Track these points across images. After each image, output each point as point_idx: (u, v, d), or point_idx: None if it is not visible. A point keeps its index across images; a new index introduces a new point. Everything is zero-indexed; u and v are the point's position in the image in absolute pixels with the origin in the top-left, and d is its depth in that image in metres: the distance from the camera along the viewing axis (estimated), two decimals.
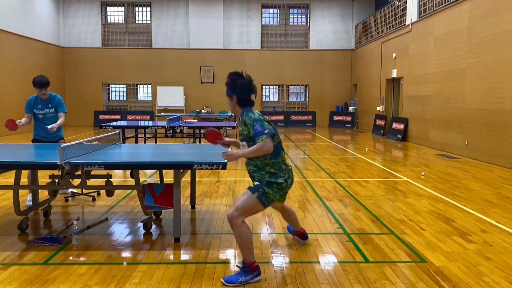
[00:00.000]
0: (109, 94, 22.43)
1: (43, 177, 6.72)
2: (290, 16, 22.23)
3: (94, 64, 21.55)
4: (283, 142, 13.96)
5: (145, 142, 10.57)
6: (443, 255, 4.02)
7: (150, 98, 22.14)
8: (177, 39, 21.59)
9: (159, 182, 5.28)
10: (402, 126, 14.94)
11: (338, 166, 9.26)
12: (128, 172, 7.98)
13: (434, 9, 12.88)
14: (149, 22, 21.72)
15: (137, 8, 21.85)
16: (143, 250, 4.11)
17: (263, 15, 22.02)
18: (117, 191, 6.41)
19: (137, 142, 10.53)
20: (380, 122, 17.36)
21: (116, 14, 21.83)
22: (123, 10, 21.80)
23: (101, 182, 5.41)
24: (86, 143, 4.80)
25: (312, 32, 21.99)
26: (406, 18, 14.93)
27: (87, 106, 21.67)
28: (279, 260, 3.90)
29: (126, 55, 21.59)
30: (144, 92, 22.48)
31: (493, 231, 4.77)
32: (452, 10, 11.67)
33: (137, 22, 21.85)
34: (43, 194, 6.19)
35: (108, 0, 21.56)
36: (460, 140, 11.20)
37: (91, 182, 5.06)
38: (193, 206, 5.73)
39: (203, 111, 19.43)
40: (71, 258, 3.90)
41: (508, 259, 3.94)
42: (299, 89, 22.83)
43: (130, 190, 6.51)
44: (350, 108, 21.80)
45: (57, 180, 5.05)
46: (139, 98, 22.47)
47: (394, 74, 15.94)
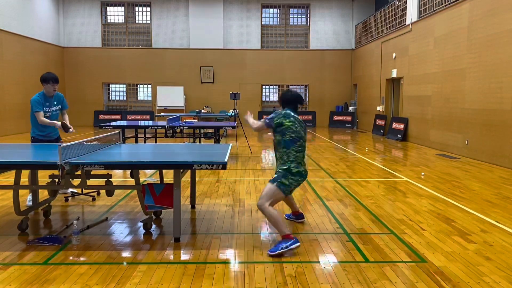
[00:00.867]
0: (109, 94, 22.43)
1: (43, 177, 6.72)
2: (290, 16, 22.23)
3: (94, 64, 21.55)
4: None
5: (145, 142, 10.58)
6: (443, 255, 4.02)
7: (150, 98, 22.14)
8: (177, 39, 21.59)
9: (159, 182, 5.28)
10: (402, 126, 14.94)
11: (338, 166, 9.26)
12: (128, 172, 7.99)
13: (434, 9, 12.88)
14: (149, 22, 21.72)
15: (137, 8, 21.85)
16: (143, 250, 4.11)
17: (263, 15, 22.02)
18: (117, 191, 6.41)
19: (137, 142, 10.53)
20: (380, 122, 17.36)
21: (116, 14, 21.83)
22: (123, 10, 21.80)
23: (101, 182, 5.41)
24: (86, 143, 4.81)
25: (312, 32, 21.99)
26: (406, 18, 14.93)
27: (87, 106, 21.66)
28: (279, 260, 3.90)
29: (126, 55, 21.59)
30: (144, 92, 22.48)
31: (493, 231, 4.78)
32: (452, 10, 11.67)
33: (137, 22, 21.85)
34: (43, 194, 6.19)
35: (108, 0, 21.56)
36: (460, 140, 11.20)
37: (91, 182, 5.06)
38: (193, 206, 5.73)
39: (203, 111, 19.43)
40: (71, 258, 3.90)
41: (508, 259, 3.94)
42: (299, 89, 22.83)
43: (130, 190, 6.51)
44: (350, 108, 21.80)
45: (57, 180, 5.05)
46: (139, 98, 22.47)
47: (394, 74, 15.95)
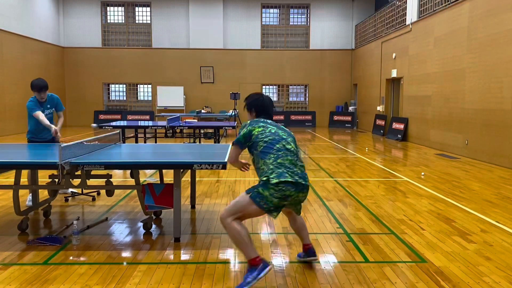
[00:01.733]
0: (109, 94, 22.43)
1: (43, 177, 6.72)
2: (290, 16, 22.23)
3: (94, 64, 21.55)
4: None
5: (145, 142, 10.57)
6: (443, 255, 4.02)
7: (150, 98, 22.14)
8: (177, 39, 21.58)
9: (159, 182, 5.28)
10: (402, 126, 14.94)
11: (338, 166, 9.26)
12: (128, 172, 7.98)
13: (434, 9, 12.88)
14: (149, 22, 21.72)
15: (137, 8, 21.85)
16: (143, 250, 4.11)
17: (263, 15, 22.02)
18: (117, 191, 6.41)
19: (137, 142, 10.53)
20: (380, 122, 17.36)
21: (116, 14, 21.83)
22: (123, 10, 21.79)
23: (101, 182, 5.41)
24: (86, 143, 4.80)
25: (312, 32, 21.99)
26: (406, 18, 14.93)
27: (87, 106, 21.66)
28: (279, 260, 3.90)
29: (126, 55, 21.59)
30: (144, 92, 22.48)
31: (493, 231, 4.77)
32: (452, 10, 11.67)
33: (137, 22, 21.85)
34: (43, 194, 6.19)
35: (108, 0, 21.56)
36: (460, 140, 11.20)
37: (91, 182, 5.06)
38: (193, 206, 5.73)
39: (203, 111, 19.44)
40: (71, 258, 3.90)
41: (508, 259, 3.94)
42: (299, 89, 22.83)
43: (130, 190, 6.51)
44: (350, 108, 21.79)
45: (57, 180, 5.05)
46: (139, 98, 22.47)
47: (394, 74, 15.94)
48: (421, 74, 13.67)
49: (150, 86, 22.06)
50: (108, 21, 21.78)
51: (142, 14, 21.84)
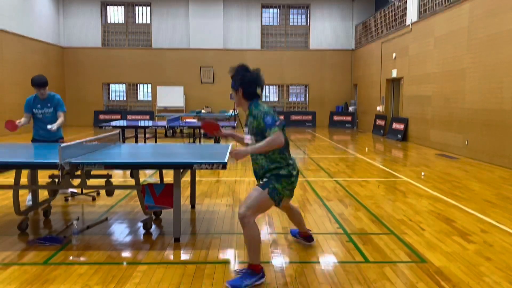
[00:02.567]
0: (109, 94, 22.43)
1: (43, 177, 6.72)
2: (290, 16, 22.22)
3: (94, 64, 21.55)
4: None
5: (145, 142, 10.57)
6: (443, 255, 4.02)
7: (150, 98, 22.14)
8: (177, 39, 21.58)
9: (159, 182, 5.28)
10: (402, 126, 14.94)
11: (338, 166, 9.26)
12: (128, 172, 7.98)
13: (434, 9, 12.88)
14: (149, 22, 21.71)
15: (137, 8, 21.84)
16: (143, 250, 4.11)
17: (263, 15, 22.01)
18: (117, 191, 6.40)
19: (137, 142, 10.53)
20: (380, 122, 17.36)
21: (116, 14, 21.82)
22: (123, 10, 21.79)
23: (101, 182, 5.40)
24: (86, 143, 4.80)
25: (312, 32, 21.98)
26: (406, 18, 14.93)
27: (87, 106, 21.65)
28: (279, 260, 3.90)
29: (126, 55, 21.58)
30: (144, 92, 22.48)
31: (493, 231, 4.77)
32: (452, 10, 11.67)
33: (137, 22, 21.84)
34: (43, 194, 6.19)
35: (108, 0, 21.56)
36: (460, 140, 11.20)
37: (91, 182, 5.05)
38: (193, 206, 5.73)
39: (203, 111, 19.44)
40: (71, 258, 3.90)
41: (508, 259, 3.94)
42: (299, 89, 22.83)
43: (130, 190, 6.51)
44: (350, 108, 21.79)
45: (57, 180, 5.05)
46: (139, 98, 22.47)
47: (394, 74, 15.94)
48: (421, 74, 13.67)
49: (150, 86, 22.05)
50: (108, 21, 21.78)
51: (142, 14, 21.84)
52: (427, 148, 12.75)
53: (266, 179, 3.45)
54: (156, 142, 10.98)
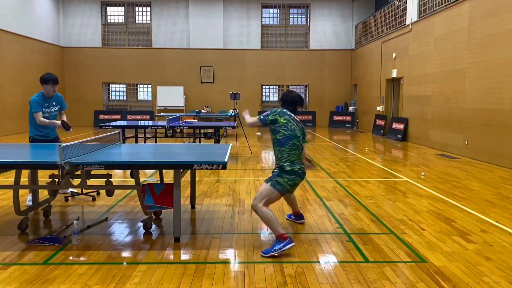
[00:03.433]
0: (109, 94, 22.43)
1: (43, 177, 6.72)
2: (290, 16, 22.22)
3: (94, 64, 21.55)
4: None
5: (145, 142, 10.57)
6: (443, 255, 4.02)
7: (150, 98, 22.14)
8: (177, 39, 21.58)
9: (159, 182, 5.28)
10: (402, 126, 14.94)
11: (338, 166, 9.26)
12: (128, 172, 7.98)
13: (434, 9, 12.88)
14: (149, 22, 21.72)
15: (137, 8, 21.84)
16: (143, 250, 4.11)
17: (263, 15, 22.02)
18: (117, 191, 6.41)
19: (137, 142, 10.53)
20: (380, 122, 17.36)
21: (116, 14, 21.83)
22: (123, 10, 21.79)
23: (101, 182, 5.41)
24: (86, 143, 4.80)
25: (312, 32, 21.98)
26: (406, 18, 14.93)
27: (87, 106, 21.66)
28: (279, 260, 3.90)
29: (126, 55, 21.59)
30: (144, 92, 22.48)
31: (493, 231, 4.77)
32: (452, 10, 11.67)
33: (137, 22, 21.85)
34: (43, 194, 6.19)
35: (108, 0, 21.56)
36: (460, 140, 11.20)
37: (91, 182, 5.06)
38: (193, 206, 5.73)
39: (203, 111, 19.43)
40: (71, 258, 3.90)
41: (508, 259, 3.94)
42: (299, 89, 22.83)
43: (130, 190, 6.51)
44: (350, 108, 21.79)
45: (57, 180, 5.05)
46: (139, 98, 22.47)
47: (394, 74, 15.94)
48: (421, 74, 13.67)
49: (150, 86, 22.06)
50: (108, 21, 21.78)
51: (142, 14, 21.84)
52: (427, 148, 12.75)
53: (271, 174, 4.30)
54: (156, 142, 10.98)
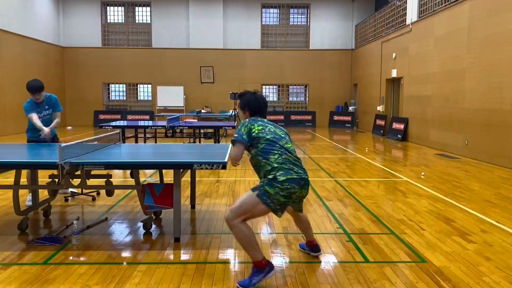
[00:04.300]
0: (109, 94, 22.43)
1: (43, 177, 6.72)
2: (290, 16, 22.22)
3: (94, 64, 21.55)
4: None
5: (145, 142, 10.57)
6: (443, 255, 4.02)
7: (150, 98, 22.14)
8: (177, 39, 21.58)
9: (159, 182, 5.28)
10: (402, 126, 14.94)
11: (338, 166, 9.26)
12: (128, 172, 7.98)
13: (434, 9, 12.88)
14: (149, 22, 21.72)
15: (137, 8, 21.84)
16: (143, 250, 4.11)
17: (263, 15, 22.01)
18: (117, 191, 6.41)
19: (137, 142, 10.53)
20: (380, 122, 17.36)
21: (116, 14, 21.83)
22: (123, 10, 21.79)
23: (101, 182, 5.41)
24: (86, 143, 4.80)
25: (312, 32, 21.98)
26: (406, 18, 14.93)
27: (87, 106, 21.65)
28: (279, 260, 3.90)
29: (126, 55, 21.59)
30: (144, 92, 22.48)
31: (493, 231, 4.77)
32: (452, 10, 11.67)
33: (137, 22, 21.84)
34: (43, 194, 6.19)
35: (108, 0, 21.56)
36: (460, 140, 11.20)
37: (91, 182, 5.05)
38: (193, 206, 5.73)
39: (203, 111, 19.43)
40: (71, 258, 3.90)
41: (508, 259, 3.94)
42: (299, 89, 22.83)
43: (130, 190, 6.51)
44: (350, 108, 21.79)
45: (57, 180, 5.05)
46: (139, 98, 22.47)
47: (394, 74, 15.94)
48: (421, 74, 13.67)
49: (150, 86, 22.05)
50: (108, 21, 21.78)
51: (142, 14, 21.84)
52: (427, 148, 12.75)
53: (260, 183, 3.40)
54: (156, 142, 10.98)
